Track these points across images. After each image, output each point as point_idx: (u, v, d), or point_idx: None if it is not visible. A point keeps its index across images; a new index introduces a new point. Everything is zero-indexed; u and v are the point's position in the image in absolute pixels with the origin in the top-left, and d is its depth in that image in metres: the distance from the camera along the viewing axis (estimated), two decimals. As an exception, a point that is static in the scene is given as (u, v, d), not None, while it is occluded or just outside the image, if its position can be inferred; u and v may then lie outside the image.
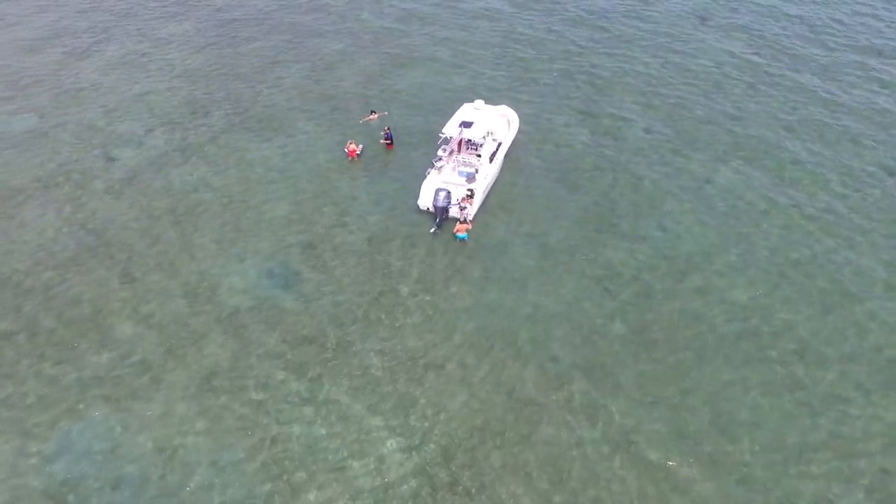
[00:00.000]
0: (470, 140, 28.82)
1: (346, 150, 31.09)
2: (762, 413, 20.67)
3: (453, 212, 26.89)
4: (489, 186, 28.59)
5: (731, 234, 26.95)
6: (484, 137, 28.67)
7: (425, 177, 28.06)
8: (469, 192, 26.86)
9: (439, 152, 28.73)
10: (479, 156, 28.78)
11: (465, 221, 26.44)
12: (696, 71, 37.39)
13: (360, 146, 31.24)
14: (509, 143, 29.81)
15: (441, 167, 28.39)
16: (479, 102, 29.26)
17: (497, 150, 29.32)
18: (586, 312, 24.06)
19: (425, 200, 27.00)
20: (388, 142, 31.27)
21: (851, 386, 21.35)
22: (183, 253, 26.70)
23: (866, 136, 32.04)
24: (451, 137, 27.65)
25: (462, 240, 26.49)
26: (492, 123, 30.35)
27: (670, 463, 19.44)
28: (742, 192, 29.00)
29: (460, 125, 27.79)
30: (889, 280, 24.88)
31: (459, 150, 29.29)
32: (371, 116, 33.37)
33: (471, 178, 28.00)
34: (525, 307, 24.24)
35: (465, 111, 28.90)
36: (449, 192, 26.58)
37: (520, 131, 32.43)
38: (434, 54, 39.35)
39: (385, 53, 39.90)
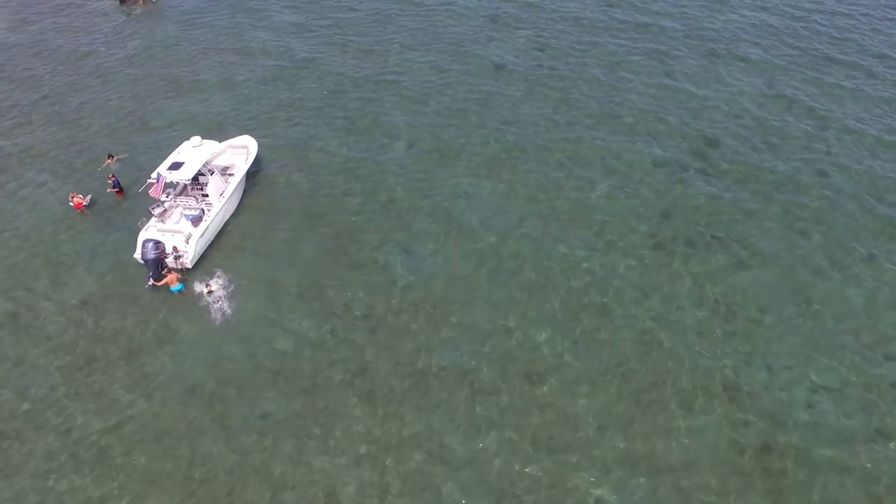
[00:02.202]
0: (198, 177, 26.67)
1: (71, 204, 28.17)
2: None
3: (170, 261, 24.66)
4: (220, 226, 26.58)
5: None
6: (200, 177, 26.58)
7: (139, 227, 25.62)
8: (185, 239, 24.84)
9: (162, 197, 26.40)
10: (206, 195, 26.60)
11: (177, 271, 24.30)
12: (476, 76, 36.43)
13: (88, 197, 28.42)
14: (241, 176, 27.82)
15: (162, 213, 26.12)
16: (196, 139, 27.10)
17: (228, 185, 27.25)
18: (306, 359, 22.39)
19: (137, 253, 24.64)
20: (115, 189, 28.57)
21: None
22: None
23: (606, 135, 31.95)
24: (158, 180, 25.30)
25: (178, 291, 24.28)
26: (222, 158, 28.46)
27: None
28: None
29: (168, 168, 25.54)
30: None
31: (185, 191, 27.04)
32: (109, 161, 30.54)
33: (196, 220, 25.86)
34: (239, 360, 22.36)
35: (182, 150, 26.64)
36: (157, 243, 24.37)
37: (274, 161, 30.60)
38: (193, 87, 36.65)
39: (143, 86, 36.95)
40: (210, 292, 23.92)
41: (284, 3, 44.39)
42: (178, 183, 26.33)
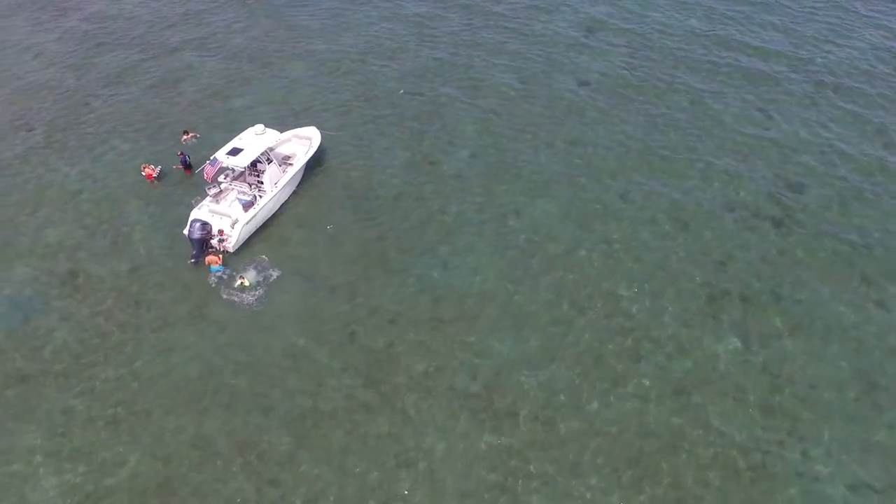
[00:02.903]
0: (255, 164, 27.41)
1: (143, 174, 29.73)
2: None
3: (214, 243, 25.51)
4: (269, 214, 27.19)
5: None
6: (258, 164, 27.23)
7: (193, 205, 26.66)
8: (231, 224, 25.59)
9: (220, 178, 27.38)
10: (262, 182, 27.26)
11: (218, 253, 25.06)
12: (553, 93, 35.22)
13: (158, 169, 29.88)
14: (298, 167, 28.27)
15: (218, 194, 27.01)
16: (260, 127, 27.73)
17: (284, 175, 27.78)
18: (321, 360, 22.46)
19: (185, 230, 25.64)
20: (183, 166, 29.81)
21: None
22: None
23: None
24: (213, 163, 26.14)
25: (217, 272, 25.04)
26: (285, 147, 29.12)
27: None
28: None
29: (227, 153, 26.33)
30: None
31: (242, 176, 27.85)
32: (185, 137, 31.98)
33: (248, 205, 26.58)
34: (262, 352, 22.74)
35: (244, 136, 27.38)
36: (204, 223, 25.22)
37: (337, 154, 30.98)
38: (278, 73, 37.66)
39: (234, 68, 38.37)
40: (243, 286, 24.36)
41: (383, -2, 44.88)
42: (234, 167, 27.01)
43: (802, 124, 31.74)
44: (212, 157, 26.55)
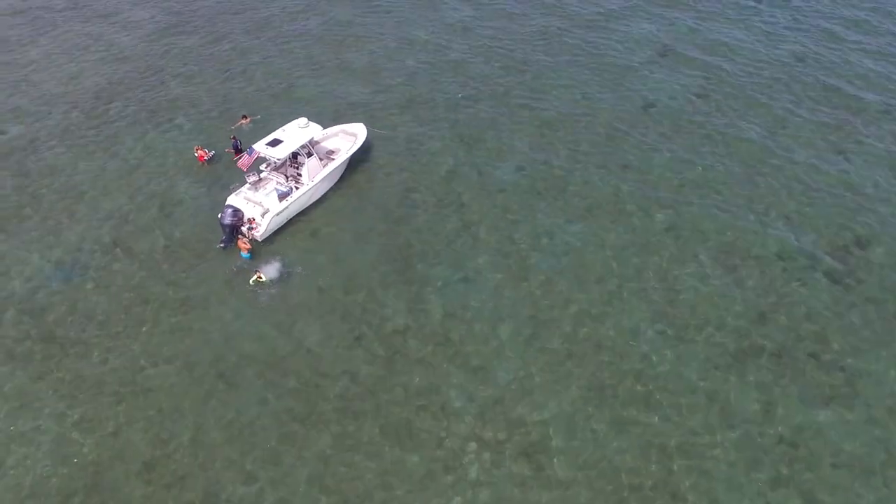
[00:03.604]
0: (296, 156, 27.79)
1: (195, 154, 30.79)
2: None
3: (244, 230, 26.02)
4: (302, 207, 27.55)
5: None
6: (298, 156, 27.54)
7: (230, 191, 27.35)
8: (262, 213, 26.07)
9: (261, 167, 27.94)
10: (300, 175, 27.58)
11: (247, 241, 25.58)
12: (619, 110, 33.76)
13: (211, 152, 30.84)
14: (338, 163, 28.38)
15: (256, 182, 27.58)
16: (303, 120, 28.01)
17: (323, 170, 27.99)
18: (323, 361, 22.43)
19: (219, 215, 26.31)
20: (234, 150, 30.60)
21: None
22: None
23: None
24: (250, 153, 26.66)
25: (246, 258, 25.60)
26: (330, 142, 29.46)
27: None
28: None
29: (267, 143, 26.77)
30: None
31: (283, 167, 28.26)
32: (242, 121, 32.88)
33: (283, 196, 26.99)
34: (268, 346, 22.98)
35: (287, 129, 27.75)
36: (236, 210, 25.80)
37: (383, 153, 30.99)
38: (345, 66, 38.06)
39: (305, 58, 39.06)
40: (259, 281, 24.65)
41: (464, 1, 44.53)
42: (271, 158, 27.37)
43: (884, 173, 28.87)
44: (249, 147, 27.05)
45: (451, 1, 44.44)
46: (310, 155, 27.71)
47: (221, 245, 26.03)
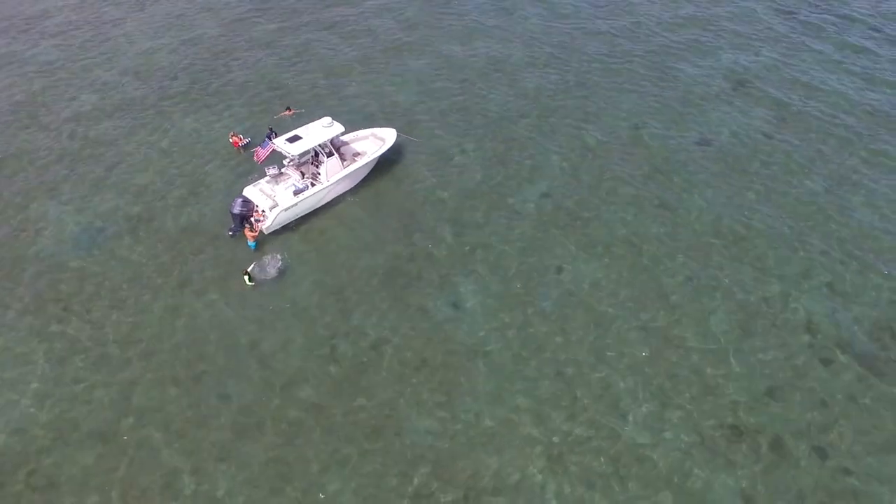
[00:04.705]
0: (317, 153, 27.81)
1: (230, 140, 31.49)
2: None
3: (252, 220, 26.33)
4: (314, 206, 27.56)
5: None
6: (320, 155, 27.49)
7: (248, 181, 27.75)
8: (271, 206, 26.25)
9: (284, 161, 28.13)
10: (319, 173, 27.55)
11: (253, 231, 26.05)
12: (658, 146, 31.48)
13: (247, 139, 31.44)
14: (359, 165, 28.15)
15: (276, 175, 27.83)
16: (327, 120, 27.86)
17: (341, 171, 27.81)
18: (292, 365, 22.19)
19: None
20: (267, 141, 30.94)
21: None
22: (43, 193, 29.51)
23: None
24: (265, 146, 26.93)
25: (251, 247, 25.98)
26: (358, 144, 29.48)
27: None
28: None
29: (287, 139, 26.89)
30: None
31: (306, 164, 28.36)
32: (285, 113, 33.30)
33: (299, 192, 27.07)
34: (247, 343, 23.08)
35: (311, 126, 27.77)
36: (246, 201, 26.21)
37: (412, 160, 30.53)
38: (401, 68, 37.72)
39: (363, 55, 39.08)
40: (248, 277, 24.70)
41: (538, 10, 43.09)
42: (286, 154, 27.37)
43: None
44: (264, 140, 27.28)
45: (528, 11, 43.15)
46: (330, 155, 27.55)
47: (230, 233, 26.44)
